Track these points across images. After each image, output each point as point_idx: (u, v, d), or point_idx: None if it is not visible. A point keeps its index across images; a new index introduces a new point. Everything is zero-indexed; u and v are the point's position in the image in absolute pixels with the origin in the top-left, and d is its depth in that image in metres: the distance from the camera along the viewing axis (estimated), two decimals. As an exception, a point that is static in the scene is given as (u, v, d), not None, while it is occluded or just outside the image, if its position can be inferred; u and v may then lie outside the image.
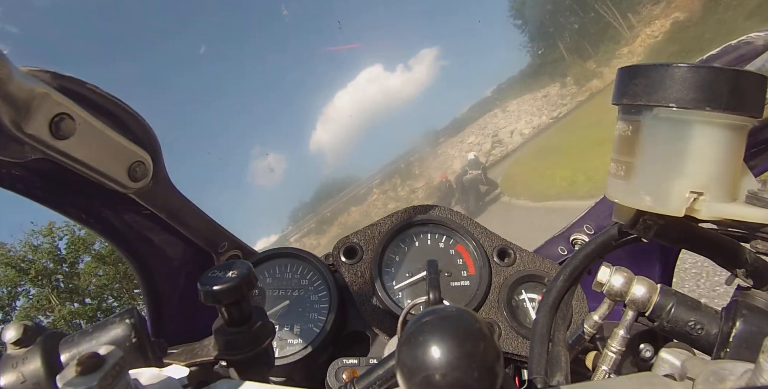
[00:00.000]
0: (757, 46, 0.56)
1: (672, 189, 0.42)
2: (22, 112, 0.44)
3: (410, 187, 19.43)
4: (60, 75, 0.53)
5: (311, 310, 0.87)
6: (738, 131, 0.41)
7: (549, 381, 0.48)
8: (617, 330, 0.55)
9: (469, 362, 0.28)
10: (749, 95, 0.40)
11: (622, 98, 0.45)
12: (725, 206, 0.42)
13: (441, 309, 0.32)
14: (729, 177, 0.42)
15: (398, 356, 0.31)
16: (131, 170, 0.60)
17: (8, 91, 0.41)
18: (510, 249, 0.93)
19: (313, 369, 0.83)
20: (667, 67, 0.41)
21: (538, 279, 0.92)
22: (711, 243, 0.48)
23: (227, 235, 0.87)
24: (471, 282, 0.91)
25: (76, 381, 0.32)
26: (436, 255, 0.91)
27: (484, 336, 0.29)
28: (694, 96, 0.40)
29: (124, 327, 0.48)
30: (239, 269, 0.46)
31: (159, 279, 0.78)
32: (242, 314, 0.48)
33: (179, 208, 0.73)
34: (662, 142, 0.42)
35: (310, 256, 0.90)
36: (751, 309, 0.45)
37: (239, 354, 0.47)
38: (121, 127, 0.60)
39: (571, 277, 0.60)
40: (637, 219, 0.47)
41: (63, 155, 0.51)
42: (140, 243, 0.74)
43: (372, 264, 0.90)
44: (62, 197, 0.63)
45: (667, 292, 0.51)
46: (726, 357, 0.43)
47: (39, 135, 0.47)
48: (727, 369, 0.34)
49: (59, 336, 0.49)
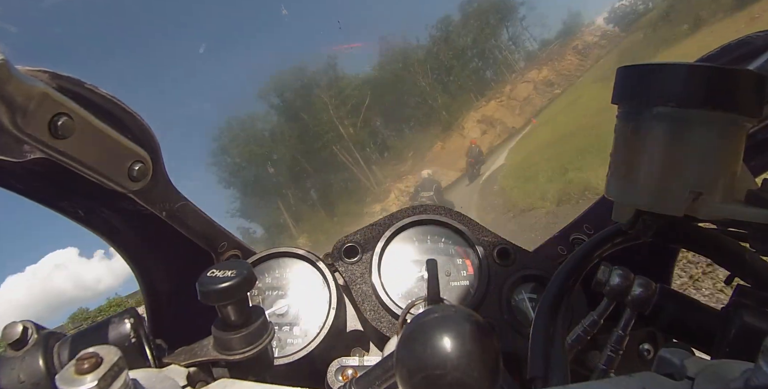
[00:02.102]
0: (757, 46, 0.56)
1: (671, 188, 0.42)
2: (21, 111, 0.44)
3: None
4: (59, 75, 0.53)
5: (311, 310, 0.87)
6: (737, 131, 0.41)
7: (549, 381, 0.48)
8: (617, 329, 0.55)
9: (469, 362, 0.28)
10: (748, 95, 0.40)
11: (622, 97, 0.45)
12: (724, 206, 0.42)
13: (441, 309, 0.32)
14: (728, 176, 0.42)
15: (398, 356, 0.31)
16: (130, 170, 0.60)
17: (7, 91, 0.41)
18: (510, 249, 0.93)
19: (313, 369, 0.83)
20: (667, 66, 0.41)
21: (537, 279, 0.92)
22: (710, 243, 0.48)
23: (227, 235, 0.87)
24: (471, 282, 0.91)
25: (76, 380, 0.32)
26: (436, 254, 0.91)
27: (483, 336, 0.29)
28: (693, 95, 0.39)
29: (124, 327, 0.48)
30: (238, 269, 0.46)
31: (158, 279, 0.78)
32: (241, 314, 0.48)
33: (179, 208, 0.73)
34: (661, 141, 0.42)
35: (310, 256, 0.90)
36: (751, 309, 0.45)
37: (238, 354, 0.47)
38: (120, 126, 0.60)
39: (570, 277, 0.60)
40: (636, 218, 0.47)
41: (62, 155, 0.51)
42: (139, 243, 0.74)
43: (372, 264, 0.90)
44: (61, 197, 0.63)
45: (666, 292, 0.51)
46: (725, 356, 0.43)
47: (38, 135, 0.46)
48: (727, 368, 0.34)
49: (58, 336, 0.49)
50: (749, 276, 0.49)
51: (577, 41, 17.60)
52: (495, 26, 18.81)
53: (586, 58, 17.10)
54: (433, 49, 21.22)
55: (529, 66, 15.86)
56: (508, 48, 17.16)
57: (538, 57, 16.96)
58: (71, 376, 0.32)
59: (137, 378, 0.40)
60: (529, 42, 17.84)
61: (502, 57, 17.52)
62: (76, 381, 0.32)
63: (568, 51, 16.63)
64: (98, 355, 0.33)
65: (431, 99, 21.59)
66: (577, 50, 16.44)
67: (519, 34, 18.18)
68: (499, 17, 19.36)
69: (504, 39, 17.63)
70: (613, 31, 15.10)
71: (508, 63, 16.29)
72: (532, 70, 16.46)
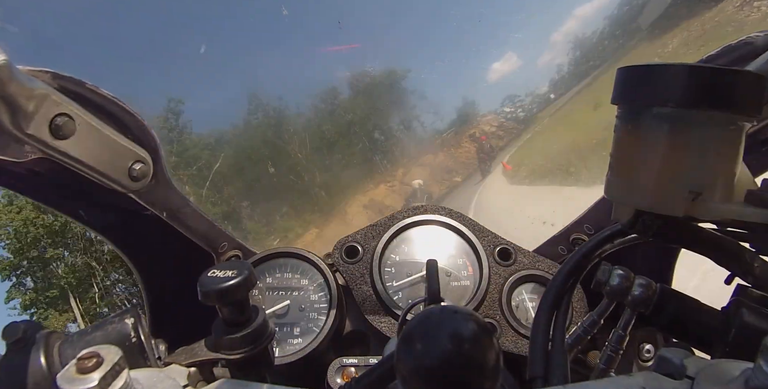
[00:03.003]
0: (757, 47, 0.56)
1: (671, 188, 0.42)
2: (22, 112, 0.44)
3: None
4: (60, 75, 0.53)
5: (311, 310, 0.87)
6: (737, 131, 0.41)
7: (549, 381, 0.48)
8: (617, 329, 0.55)
9: (469, 362, 0.28)
10: (748, 95, 0.40)
11: (622, 97, 0.45)
12: (724, 206, 0.42)
13: (441, 309, 0.32)
14: (728, 176, 0.42)
15: (398, 356, 0.31)
16: (131, 170, 0.60)
17: (9, 92, 0.41)
18: (510, 249, 0.93)
19: (313, 369, 0.83)
20: (667, 66, 0.41)
21: (538, 279, 0.92)
22: (710, 243, 0.48)
23: (227, 236, 0.87)
24: (471, 282, 0.91)
25: (77, 380, 0.32)
26: (436, 255, 0.91)
27: (483, 336, 0.29)
28: (693, 96, 0.39)
29: (124, 327, 0.49)
30: (239, 269, 0.46)
31: (159, 278, 0.78)
32: (242, 314, 0.48)
33: (179, 208, 0.73)
34: (661, 141, 0.42)
35: (310, 256, 0.90)
36: (751, 309, 0.45)
37: (239, 354, 0.47)
38: (120, 126, 0.60)
39: (570, 277, 0.60)
40: (636, 218, 0.47)
41: (63, 155, 0.51)
42: (140, 243, 0.74)
43: (372, 264, 0.90)
44: (62, 197, 0.63)
45: (666, 292, 0.51)
46: (725, 356, 0.43)
47: (39, 135, 0.47)
48: (727, 368, 0.34)
49: (59, 335, 0.49)
50: (749, 276, 0.48)
51: (474, 129, 15.86)
52: (385, 108, 15.44)
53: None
54: (314, 120, 16.99)
55: (423, 151, 13.79)
56: (400, 130, 14.36)
57: (433, 143, 14.65)
58: (72, 376, 0.32)
59: (138, 377, 0.40)
60: (422, 128, 15.19)
61: (394, 139, 14.36)
62: (77, 380, 0.32)
63: (464, 138, 15.07)
64: (99, 355, 0.33)
65: (308, 174, 17.19)
66: (474, 138, 15.01)
67: (411, 119, 15.24)
68: (389, 100, 16.28)
69: (395, 121, 14.60)
70: (510, 123, 14.12)
71: (401, 145, 13.41)
72: (426, 154, 14.38)
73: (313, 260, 0.90)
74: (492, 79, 17.05)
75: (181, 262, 0.81)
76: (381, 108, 13.19)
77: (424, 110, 14.03)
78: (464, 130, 14.02)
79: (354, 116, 12.16)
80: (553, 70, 17.36)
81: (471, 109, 15.89)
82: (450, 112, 15.50)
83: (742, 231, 0.49)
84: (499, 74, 18.03)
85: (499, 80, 16.34)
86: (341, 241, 0.94)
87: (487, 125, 13.04)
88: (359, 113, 12.66)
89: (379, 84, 14.34)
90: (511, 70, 16.87)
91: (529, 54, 17.49)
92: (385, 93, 14.06)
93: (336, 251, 0.93)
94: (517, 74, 17.40)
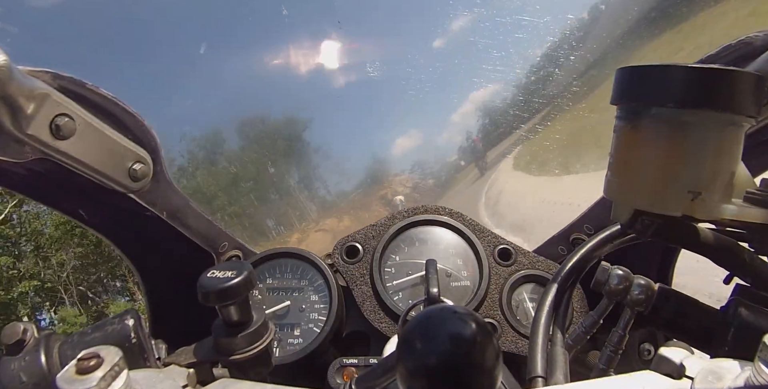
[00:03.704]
0: (756, 47, 0.56)
1: (670, 188, 0.42)
2: (22, 112, 0.44)
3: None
4: (60, 75, 0.53)
5: (311, 310, 0.87)
6: (736, 131, 0.41)
7: (548, 381, 0.48)
8: (616, 329, 0.55)
9: (469, 362, 0.29)
10: (747, 95, 0.40)
11: (621, 98, 0.45)
12: (723, 206, 0.42)
13: (441, 309, 0.32)
14: (727, 177, 0.42)
15: (398, 356, 0.31)
16: (131, 170, 0.60)
17: (9, 92, 0.41)
18: (510, 249, 0.93)
19: (313, 369, 0.83)
20: (666, 67, 0.41)
21: (537, 279, 0.92)
22: (709, 243, 0.48)
23: (227, 236, 0.87)
24: (471, 282, 0.91)
25: (77, 381, 0.32)
26: (436, 255, 0.91)
27: (483, 336, 0.29)
28: (692, 96, 0.40)
29: (124, 328, 0.49)
30: (239, 269, 0.46)
31: (159, 279, 0.78)
32: (242, 314, 0.48)
33: (179, 208, 0.73)
34: (660, 141, 0.42)
35: (310, 256, 0.90)
36: (750, 308, 0.45)
37: (239, 355, 0.47)
38: (121, 127, 0.60)
39: (570, 277, 0.60)
40: (635, 218, 0.47)
41: (63, 155, 0.51)
42: (140, 243, 0.74)
43: (372, 264, 0.90)
44: (63, 197, 0.63)
45: (665, 291, 0.51)
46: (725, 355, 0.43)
47: (39, 135, 0.47)
48: (726, 367, 0.34)
49: (59, 336, 0.49)
50: (748, 275, 0.49)
51: (386, 189, 14.16)
52: (282, 163, 12.46)
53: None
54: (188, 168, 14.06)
55: (325, 214, 11.54)
56: (299, 190, 11.98)
57: (337, 205, 12.25)
58: (72, 376, 0.32)
59: (138, 378, 0.40)
60: (324, 188, 12.78)
61: (291, 200, 11.87)
62: (77, 381, 0.32)
63: (374, 200, 13.13)
64: (99, 355, 0.33)
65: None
66: (386, 200, 13.24)
67: (312, 178, 12.49)
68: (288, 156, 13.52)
69: (293, 180, 12.03)
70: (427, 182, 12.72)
71: (300, 207, 11.03)
72: (329, 218, 12.13)
73: (313, 260, 0.90)
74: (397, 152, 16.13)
75: (181, 262, 0.81)
76: (277, 161, 11.19)
77: (328, 169, 12.29)
78: (374, 190, 12.27)
79: (243, 171, 10.12)
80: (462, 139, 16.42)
81: (381, 167, 14.00)
82: (357, 170, 13.31)
83: (741, 231, 0.49)
84: (402, 148, 17.20)
85: (405, 152, 15.65)
86: (341, 241, 0.94)
87: (400, 186, 11.85)
88: (250, 167, 10.56)
89: (275, 132, 12.32)
90: (416, 144, 16.27)
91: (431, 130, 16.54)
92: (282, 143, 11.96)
93: (336, 251, 0.93)
94: (421, 148, 16.21)
